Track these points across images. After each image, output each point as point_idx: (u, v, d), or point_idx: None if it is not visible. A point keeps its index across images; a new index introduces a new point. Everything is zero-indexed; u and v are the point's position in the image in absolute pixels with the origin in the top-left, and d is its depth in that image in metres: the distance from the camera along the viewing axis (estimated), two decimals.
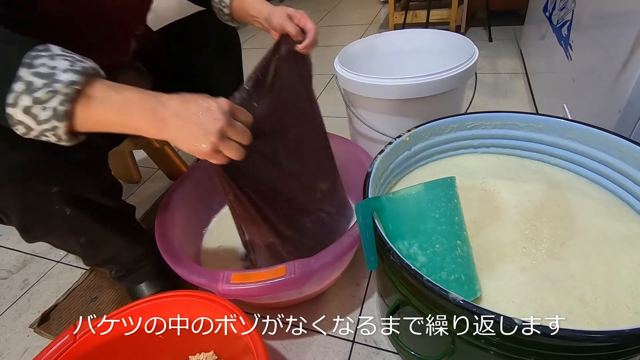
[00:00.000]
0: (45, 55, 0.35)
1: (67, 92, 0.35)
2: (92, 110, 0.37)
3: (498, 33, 1.63)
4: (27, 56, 0.34)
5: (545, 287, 0.43)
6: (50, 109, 0.35)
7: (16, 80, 0.34)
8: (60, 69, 0.35)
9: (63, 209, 0.49)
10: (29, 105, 0.34)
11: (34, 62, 0.34)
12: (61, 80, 0.34)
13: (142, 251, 0.64)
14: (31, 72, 0.34)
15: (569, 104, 0.77)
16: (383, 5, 2.35)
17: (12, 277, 0.84)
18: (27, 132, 0.37)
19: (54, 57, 0.35)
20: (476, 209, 0.54)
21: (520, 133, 0.59)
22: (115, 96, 0.37)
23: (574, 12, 0.79)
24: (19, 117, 0.35)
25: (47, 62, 0.35)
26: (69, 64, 0.35)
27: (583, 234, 0.48)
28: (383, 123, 0.76)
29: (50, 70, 0.35)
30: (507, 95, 1.20)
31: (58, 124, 0.36)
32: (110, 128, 0.39)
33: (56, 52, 0.36)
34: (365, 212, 0.42)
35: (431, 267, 0.40)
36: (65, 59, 0.36)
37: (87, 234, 0.54)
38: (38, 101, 0.34)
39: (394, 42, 0.89)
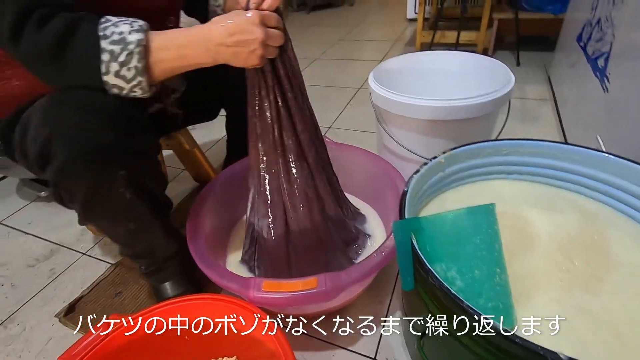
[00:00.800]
0: (110, 25, 0.44)
1: (139, 50, 0.44)
2: (159, 59, 0.46)
3: (526, 58, 1.63)
4: (100, 29, 0.43)
5: (581, 321, 0.42)
6: (133, 68, 0.44)
7: (102, 52, 0.43)
8: (126, 32, 0.43)
9: (124, 193, 0.51)
10: (118, 70, 0.44)
11: (106, 32, 0.43)
12: (131, 41, 0.43)
13: (175, 248, 0.65)
14: (108, 42, 0.43)
15: (603, 135, 0.77)
16: (409, 23, 2.38)
17: (39, 265, 0.86)
18: (119, 92, 0.46)
19: (117, 24, 0.44)
20: (509, 235, 0.53)
21: (556, 162, 0.59)
22: (169, 44, 0.46)
23: (613, 44, 0.79)
24: (113, 81, 0.45)
25: (115, 30, 0.43)
26: (129, 26, 0.44)
27: (619, 269, 0.47)
28: (413, 142, 0.77)
29: (120, 36, 0.43)
30: (535, 121, 1.19)
31: (141, 78, 0.45)
32: (176, 70, 0.48)
33: (114, 20, 0.44)
34: (404, 232, 0.42)
35: (469, 292, 0.40)
36: (124, 23, 0.44)
37: (138, 220, 0.57)
38: (122, 64, 0.43)
39: (428, 61, 0.91)
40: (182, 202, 1.00)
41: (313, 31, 2.49)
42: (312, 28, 2.56)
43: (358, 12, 2.82)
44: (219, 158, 1.12)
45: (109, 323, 0.50)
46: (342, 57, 1.96)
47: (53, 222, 0.99)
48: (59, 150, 0.45)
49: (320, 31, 2.47)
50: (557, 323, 0.42)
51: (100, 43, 0.42)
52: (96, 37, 0.42)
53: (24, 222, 1.00)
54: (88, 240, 0.91)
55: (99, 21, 0.44)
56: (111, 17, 0.45)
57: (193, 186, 1.07)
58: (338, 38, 2.27)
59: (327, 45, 2.16)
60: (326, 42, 2.22)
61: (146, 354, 0.52)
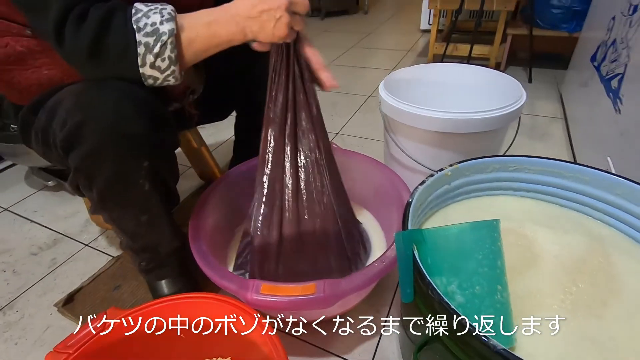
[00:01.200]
0: (141, 15, 0.44)
1: (172, 41, 0.45)
2: (190, 41, 0.47)
3: (538, 75, 1.62)
4: (134, 22, 0.44)
5: (583, 346, 0.41)
6: (167, 58, 0.45)
7: (138, 45, 0.44)
8: (158, 23, 0.44)
9: (144, 184, 0.52)
10: (153, 61, 0.45)
11: (139, 24, 0.44)
12: (163, 32, 0.44)
13: (177, 244, 0.66)
14: (142, 34, 0.44)
15: (614, 157, 0.76)
16: (422, 34, 2.38)
17: (42, 253, 0.87)
18: (154, 82, 0.48)
19: (148, 15, 0.44)
20: (513, 253, 0.53)
21: (564, 182, 0.58)
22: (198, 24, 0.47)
23: (627, 66, 0.79)
24: (148, 72, 0.46)
25: (147, 21, 0.44)
26: (160, 16, 0.45)
27: (626, 294, 0.46)
28: (421, 153, 0.76)
29: (152, 27, 0.44)
30: (545, 139, 1.18)
31: (174, 67, 0.47)
32: (208, 51, 0.49)
33: (144, 9, 0.45)
34: (406, 243, 0.42)
35: (469, 308, 0.40)
36: (154, 13, 0.45)
37: (151, 212, 0.57)
38: (157, 55, 0.45)
39: (439, 73, 0.90)
40: (186, 199, 1.01)
41: (326, 37, 2.50)
42: (325, 34, 2.58)
43: (372, 21, 2.83)
44: (226, 158, 1.13)
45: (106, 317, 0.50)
46: (354, 64, 1.97)
47: (58, 211, 1.00)
48: (89, 135, 0.46)
49: (334, 37, 2.48)
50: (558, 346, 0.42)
51: (136, 36, 0.43)
52: (132, 31, 0.43)
53: (30, 210, 1.01)
54: (92, 231, 0.92)
55: (130, 11, 0.44)
56: (141, 5, 0.45)
57: (198, 184, 1.07)
58: (351, 45, 2.28)
59: (340, 51, 2.17)
60: (339, 48, 2.23)
61: (141, 349, 0.52)
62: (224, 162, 1.12)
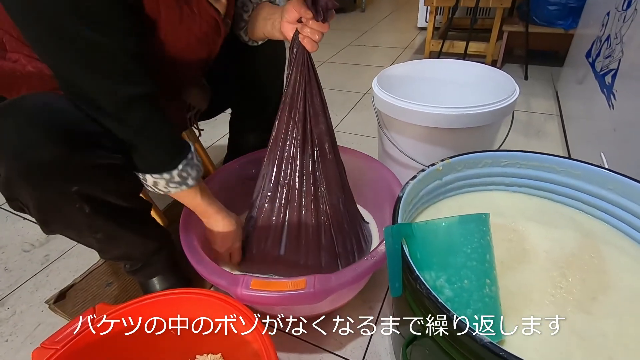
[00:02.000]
0: (187, 164, 0.53)
1: (183, 190, 0.54)
2: (184, 200, 0.58)
3: (534, 72, 1.62)
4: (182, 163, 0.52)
5: (572, 342, 0.41)
6: (168, 190, 0.53)
7: (167, 173, 0.51)
8: (191, 177, 0.53)
9: (82, 207, 0.49)
10: (161, 188, 0.53)
11: (184, 167, 0.52)
12: (188, 184, 0.54)
13: (154, 246, 0.65)
14: (177, 173, 0.52)
15: (607, 153, 0.76)
16: (419, 31, 2.38)
17: (34, 250, 0.86)
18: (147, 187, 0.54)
19: (192, 166, 0.53)
20: (504, 248, 0.53)
21: (556, 177, 0.58)
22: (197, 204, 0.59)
23: (621, 61, 0.78)
24: (148, 184, 0.53)
25: (188, 170, 0.53)
26: (196, 173, 0.54)
27: (616, 290, 0.46)
28: (414, 148, 0.76)
29: (186, 175, 0.53)
30: (540, 135, 1.18)
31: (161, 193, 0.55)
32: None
33: (193, 160, 0.54)
34: (395, 237, 0.41)
35: (457, 302, 0.39)
36: (194, 169, 0.54)
37: (104, 230, 0.55)
38: (167, 187, 0.53)
39: (433, 70, 0.90)
40: None
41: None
42: None
43: (369, 18, 2.82)
44: (220, 155, 1.13)
45: (94, 312, 0.49)
46: (351, 61, 1.97)
47: None
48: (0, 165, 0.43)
49: (330, 35, 2.48)
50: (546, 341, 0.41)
51: (172, 171, 0.51)
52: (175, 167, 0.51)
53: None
54: None
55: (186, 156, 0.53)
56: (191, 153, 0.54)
57: None
58: (347, 43, 2.27)
59: (336, 49, 2.17)
60: (336, 46, 2.22)
61: (130, 345, 0.52)
62: (218, 159, 1.11)
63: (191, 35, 0.54)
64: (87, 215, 0.50)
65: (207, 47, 0.59)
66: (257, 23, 0.65)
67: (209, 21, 0.55)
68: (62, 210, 0.49)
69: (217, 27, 0.57)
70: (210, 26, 0.56)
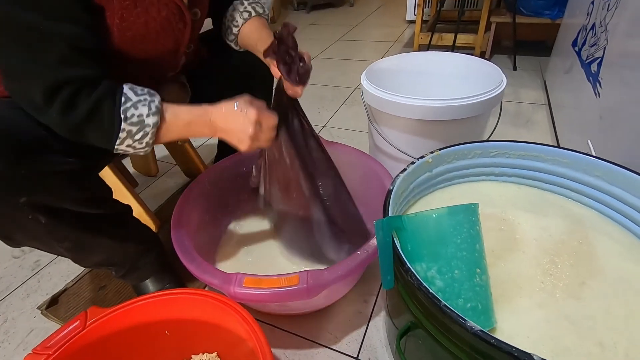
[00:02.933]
0: (130, 106, 0.47)
1: (154, 131, 0.49)
2: (168, 132, 0.51)
3: (523, 62, 1.63)
4: (122, 111, 0.46)
5: (563, 327, 0.42)
6: (144, 143, 0.49)
7: (121, 131, 0.47)
8: (144, 115, 0.47)
9: (37, 218, 0.47)
10: (131, 143, 0.48)
11: (127, 114, 0.46)
12: (148, 124, 0.48)
13: (137, 249, 0.63)
14: (128, 123, 0.47)
15: (594, 140, 0.77)
16: (408, 25, 2.38)
17: (24, 256, 0.85)
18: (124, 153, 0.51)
19: (137, 106, 0.47)
20: (494, 238, 0.53)
21: (544, 165, 0.59)
22: (178, 121, 0.50)
23: (606, 49, 0.79)
24: (122, 148, 0.49)
25: (135, 112, 0.47)
26: (147, 109, 0.48)
27: (604, 275, 0.47)
28: (404, 141, 0.76)
29: (139, 118, 0.47)
30: (529, 125, 1.19)
31: (148, 148, 0.50)
32: (180, 138, 0.53)
33: (134, 98, 0.47)
34: (385, 230, 0.42)
35: (448, 292, 0.40)
36: (143, 105, 0.47)
37: (70, 239, 0.53)
38: (136, 140, 0.48)
39: (421, 62, 0.90)
40: (171, 197, 0.99)
41: (312, 30, 2.48)
42: (311, 27, 2.55)
43: (358, 13, 2.81)
44: (211, 154, 1.12)
45: (86, 315, 0.49)
46: (340, 56, 1.96)
47: None
48: None
49: (320, 30, 2.47)
50: (537, 327, 0.42)
51: (121, 125, 0.46)
52: (118, 120, 0.46)
53: None
54: None
55: (119, 99, 0.46)
56: (130, 91, 0.48)
57: (184, 181, 1.06)
58: (337, 38, 2.26)
59: (326, 44, 2.16)
60: (325, 41, 2.21)
61: (124, 348, 0.52)
62: (209, 158, 1.11)
63: (150, 19, 0.51)
64: (45, 225, 0.49)
65: (172, 35, 0.56)
66: (247, 40, 0.66)
67: (168, 5, 0.53)
68: (17, 223, 0.47)
69: (179, 13, 0.55)
70: (171, 11, 0.53)
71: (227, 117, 0.51)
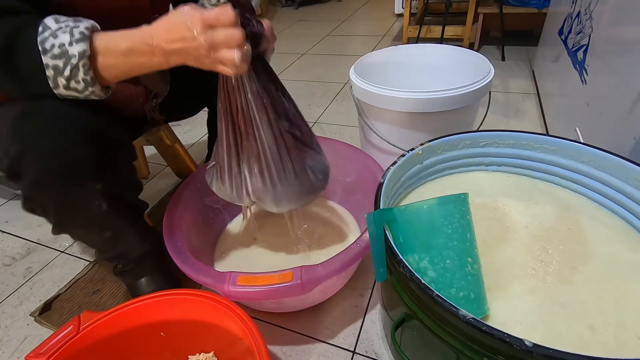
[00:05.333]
0: (49, 36, 0.39)
1: (84, 63, 0.40)
2: (106, 66, 0.42)
3: (511, 53, 1.64)
4: (40, 42, 0.39)
5: (554, 311, 0.42)
6: (81, 80, 0.41)
7: (46, 68, 0.40)
8: (67, 44, 0.39)
9: (101, 204, 0.51)
10: (66, 84, 0.41)
11: (45, 46, 0.39)
12: (73, 54, 0.39)
13: (148, 247, 0.65)
14: (50, 57, 0.39)
15: (582, 127, 0.77)
16: (397, 18, 2.37)
17: (15, 264, 0.84)
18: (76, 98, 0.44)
19: (56, 34, 0.39)
20: (486, 227, 0.54)
21: (533, 154, 0.59)
22: (115, 49, 0.42)
23: (591, 37, 0.80)
24: (64, 93, 0.42)
25: (54, 42, 0.39)
26: (69, 36, 0.39)
27: (594, 259, 0.48)
28: (394, 135, 0.76)
29: (60, 49, 0.39)
30: (519, 115, 1.20)
31: (93, 88, 0.43)
32: (132, 74, 0.44)
33: (52, 26, 0.40)
34: (377, 223, 0.42)
35: (441, 282, 0.40)
36: (63, 32, 0.39)
37: (114, 229, 0.57)
38: (69, 78, 0.41)
39: (409, 55, 0.90)
40: (163, 198, 0.99)
41: (301, 26, 2.47)
42: (300, 23, 2.54)
43: (346, 8, 2.80)
44: (202, 155, 1.11)
45: (79, 320, 0.48)
46: (330, 52, 1.95)
47: (31, 220, 0.96)
48: (30, 167, 0.44)
49: (308, 26, 2.45)
50: (529, 313, 0.43)
51: (42, 59, 0.39)
52: (37, 53, 0.39)
53: (1, 221, 0.98)
54: (67, 238, 0.89)
55: (37, 30, 0.39)
56: (51, 19, 0.40)
57: (175, 182, 1.05)
58: (326, 33, 2.25)
59: (315, 40, 2.15)
60: (314, 37, 2.20)
61: (120, 350, 0.51)
62: (200, 159, 1.10)
63: None
64: (102, 213, 0.52)
65: None
66: None
67: None
68: (81, 209, 0.50)
69: None
70: None
71: (169, 32, 0.40)
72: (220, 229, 0.80)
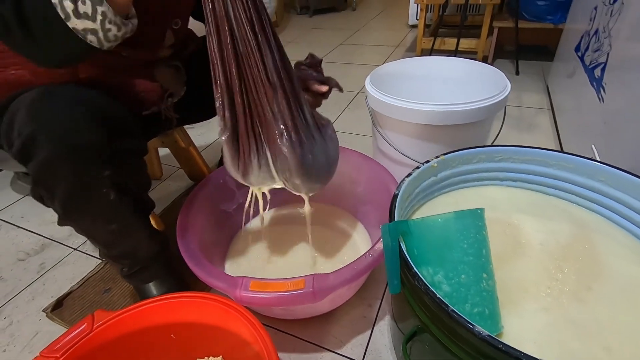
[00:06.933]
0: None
1: None
2: None
3: (525, 67, 1.63)
4: None
5: (569, 331, 0.42)
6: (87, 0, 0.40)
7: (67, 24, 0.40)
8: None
9: (108, 193, 0.51)
10: (74, 8, 0.39)
11: None
12: None
13: (157, 248, 0.65)
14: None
15: (598, 145, 0.77)
16: (411, 29, 2.39)
17: (29, 259, 0.85)
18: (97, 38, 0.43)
19: None
20: (500, 242, 0.54)
21: (549, 170, 0.59)
22: None
23: (609, 55, 0.79)
24: (80, 25, 0.40)
25: None
26: None
27: (610, 279, 0.47)
28: (408, 146, 0.76)
29: None
30: (532, 129, 1.19)
31: (101, 7, 0.40)
32: None
33: None
34: (392, 235, 0.42)
35: (455, 297, 0.40)
36: None
37: (120, 221, 0.56)
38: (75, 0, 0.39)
39: (425, 67, 0.91)
40: (175, 200, 1.00)
41: (315, 34, 2.50)
42: (313, 31, 2.57)
43: (360, 17, 2.83)
44: (215, 158, 1.12)
45: (93, 318, 0.49)
46: (343, 61, 1.97)
47: (45, 216, 0.98)
48: (42, 147, 0.45)
49: (322, 34, 2.48)
50: (544, 331, 0.42)
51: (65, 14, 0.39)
52: None
53: (17, 216, 1.00)
54: (80, 235, 0.90)
55: None
56: None
57: (188, 184, 1.07)
58: (339, 42, 2.27)
59: (328, 48, 2.17)
60: (327, 45, 2.22)
61: (130, 350, 0.52)
62: (213, 161, 1.11)
63: None
64: (110, 203, 0.52)
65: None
66: None
67: None
68: (89, 196, 0.51)
69: None
70: None
71: None
72: (232, 233, 0.80)
